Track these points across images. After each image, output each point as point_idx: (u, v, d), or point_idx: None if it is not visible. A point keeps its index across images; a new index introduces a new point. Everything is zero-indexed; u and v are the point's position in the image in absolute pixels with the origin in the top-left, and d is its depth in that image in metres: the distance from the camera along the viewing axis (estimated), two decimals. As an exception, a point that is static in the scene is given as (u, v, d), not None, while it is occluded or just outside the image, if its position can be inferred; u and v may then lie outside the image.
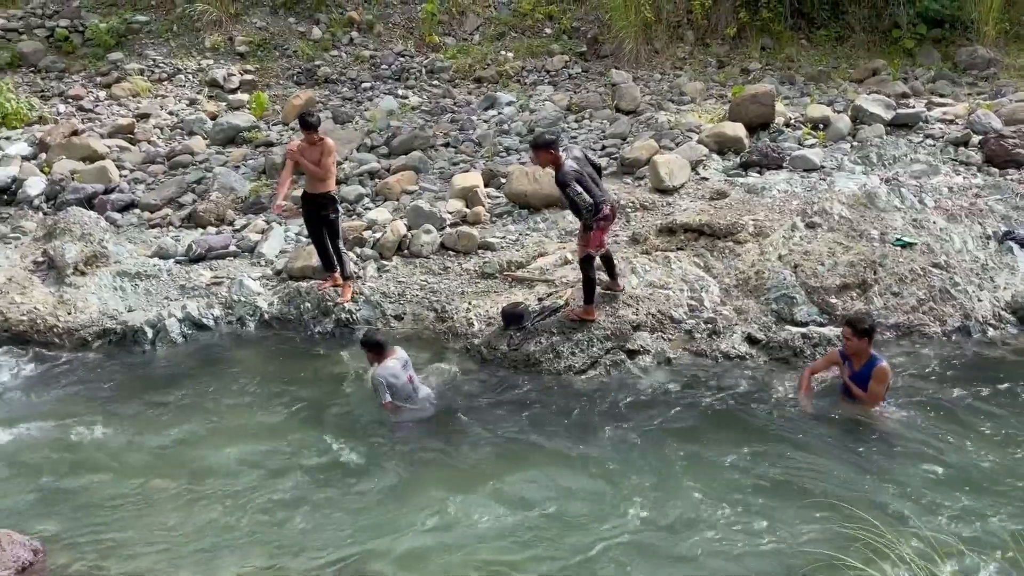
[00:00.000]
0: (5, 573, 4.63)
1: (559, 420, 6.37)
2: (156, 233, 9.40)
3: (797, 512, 5.05)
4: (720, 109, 11.01)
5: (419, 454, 6.08)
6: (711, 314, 7.40)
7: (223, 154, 11.17)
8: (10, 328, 7.90)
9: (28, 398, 6.97)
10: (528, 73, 12.96)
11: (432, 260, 8.59)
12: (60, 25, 13.96)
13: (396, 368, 6.38)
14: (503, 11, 14.14)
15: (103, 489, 5.63)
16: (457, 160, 10.61)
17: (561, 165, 6.70)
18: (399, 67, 13.38)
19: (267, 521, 5.25)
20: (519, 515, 5.21)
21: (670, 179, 9.16)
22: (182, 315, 7.98)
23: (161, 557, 4.94)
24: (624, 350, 7.13)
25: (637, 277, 7.82)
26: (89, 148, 10.87)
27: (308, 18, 14.20)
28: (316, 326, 8.00)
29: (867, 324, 5.93)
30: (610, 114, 11.27)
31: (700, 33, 13.15)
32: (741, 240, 8.07)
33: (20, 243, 9.04)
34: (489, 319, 7.66)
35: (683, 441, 5.94)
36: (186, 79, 13.17)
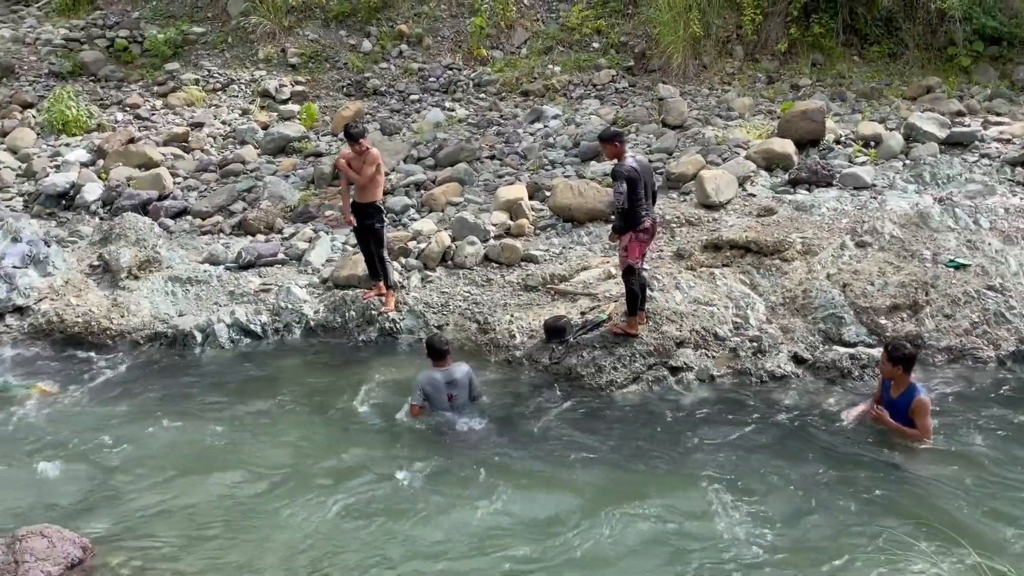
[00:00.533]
0: (55, 569, 4.73)
1: (599, 435, 6.33)
2: (207, 240, 9.61)
3: (837, 533, 4.94)
4: (769, 125, 10.90)
5: (453, 463, 6.06)
6: (756, 332, 7.31)
7: (273, 163, 11.38)
8: (65, 329, 8.13)
9: (80, 398, 7.14)
10: (575, 87, 12.97)
11: (475, 271, 8.64)
12: (120, 36, 14.37)
13: (437, 379, 6.43)
14: (551, 25, 14.20)
15: (150, 490, 5.73)
16: (502, 173, 10.66)
17: (622, 158, 6.79)
18: (447, 80, 13.50)
19: (306, 529, 5.28)
20: (549, 529, 5.17)
21: (716, 195, 9.09)
22: (231, 320, 8.14)
23: (203, 561, 4.99)
24: (667, 366, 7.08)
25: (681, 293, 7.76)
26: (145, 155, 11.17)
27: (359, 31, 14.42)
28: (360, 334, 8.09)
29: (904, 352, 5.75)
30: (656, 128, 11.23)
31: (749, 48, 13.04)
32: (788, 258, 7.97)
33: (77, 247, 9.30)
34: (531, 332, 7.67)
35: (725, 460, 5.86)
36: (239, 89, 13.45)
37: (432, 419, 6.47)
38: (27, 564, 4.67)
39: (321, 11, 14.50)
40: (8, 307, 8.26)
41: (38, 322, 8.20)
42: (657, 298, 7.66)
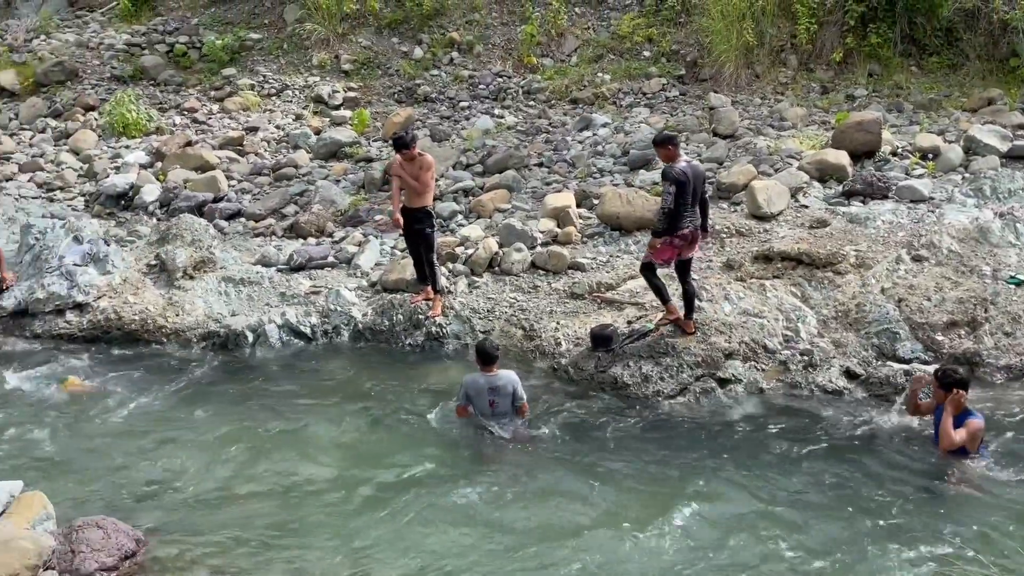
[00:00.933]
0: (109, 560, 4.84)
1: (644, 445, 6.29)
2: (260, 242, 9.78)
3: (884, 559, 4.83)
4: (822, 136, 10.73)
5: (488, 468, 6.10)
6: (807, 345, 7.20)
7: (325, 168, 11.55)
8: (123, 326, 8.36)
9: (135, 394, 7.31)
10: (624, 95, 12.93)
11: (522, 278, 8.65)
12: (179, 41, 14.75)
13: (481, 383, 6.41)
14: (601, 33, 14.19)
15: (200, 486, 5.84)
16: (550, 180, 10.67)
17: (675, 161, 6.81)
18: (496, 87, 13.57)
19: (348, 527, 5.33)
20: (585, 539, 5.15)
21: (768, 205, 8.97)
22: (281, 321, 8.27)
23: (252, 556, 5.07)
24: (715, 378, 7.01)
25: (730, 304, 7.68)
26: (201, 158, 11.43)
27: (411, 38, 14.58)
28: (407, 338, 8.16)
29: (953, 377, 5.69)
30: (707, 138, 11.13)
31: (803, 58, 12.87)
32: (842, 271, 7.83)
33: (135, 246, 9.55)
34: (577, 339, 7.65)
35: (772, 474, 5.78)
36: (293, 95, 13.69)
37: (473, 422, 6.48)
38: (83, 554, 4.78)
39: (374, 18, 14.69)
40: (69, 304, 8.50)
41: (97, 319, 8.44)
42: (706, 309, 7.59)
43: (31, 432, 6.61)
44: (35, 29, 15.56)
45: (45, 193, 11.24)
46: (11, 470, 5.82)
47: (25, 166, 11.83)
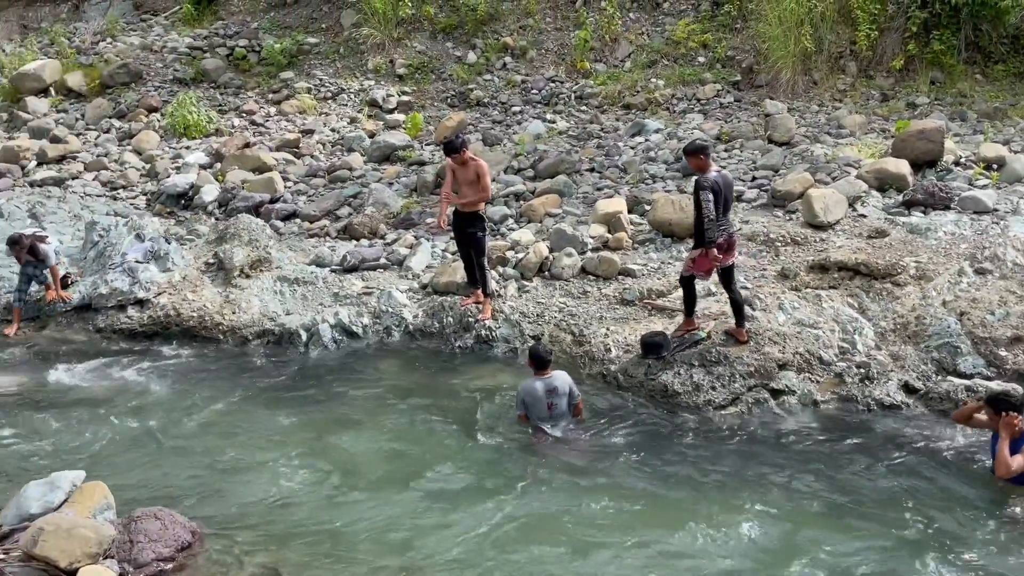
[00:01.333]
0: (166, 551, 4.95)
1: (694, 455, 6.22)
2: (314, 242, 9.95)
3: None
4: (882, 144, 10.51)
5: (541, 473, 6.07)
6: (864, 358, 7.04)
7: (378, 171, 11.70)
8: (182, 323, 8.57)
9: (192, 389, 7.49)
10: (678, 101, 12.84)
11: (572, 283, 8.63)
12: (239, 45, 15.08)
13: (536, 388, 6.48)
14: (656, 39, 14.11)
15: (254, 480, 5.95)
16: (602, 185, 10.63)
17: (706, 171, 6.80)
18: (549, 92, 13.58)
19: (398, 525, 5.38)
20: (638, 548, 5.11)
21: (825, 214, 8.81)
22: (334, 321, 8.39)
23: (302, 552, 5.13)
24: (768, 388, 6.90)
25: (784, 314, 7.56)
26: (259, 160, 11.66)
27: (465, 43, 14.68)
28: (457, 340, 8.20)
29: (1007, 402, 5.49)
30: (762, 145, 10.99)
31: (863, 65, 12.62)
32: (901, 282, 7.65)
33: (194, 245, 9.78)
34: (627, 346, 7.61)
35: (826, 489, 5.66)
36: (348, 98, 13.89)
37: (528, 427, 6.52)
38: (140, 544, 4.89)
39: (429, 23, 14.84)
40: (130, 299, 8.75)
41: (157, 315, 8.67)
42: (759, 318, 7.49)
43: (92, 424, 6.80)
44: (102, 32, 16.07)
45: (109, 191, 11.60)
46: (74, 460, 5.99)
47: (90, 165, 12.22)
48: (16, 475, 5.80)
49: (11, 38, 16.62)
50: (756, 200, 9.66)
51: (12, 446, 6.42)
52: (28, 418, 6.90)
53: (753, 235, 8.82)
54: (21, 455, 6.27)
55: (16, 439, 6.53)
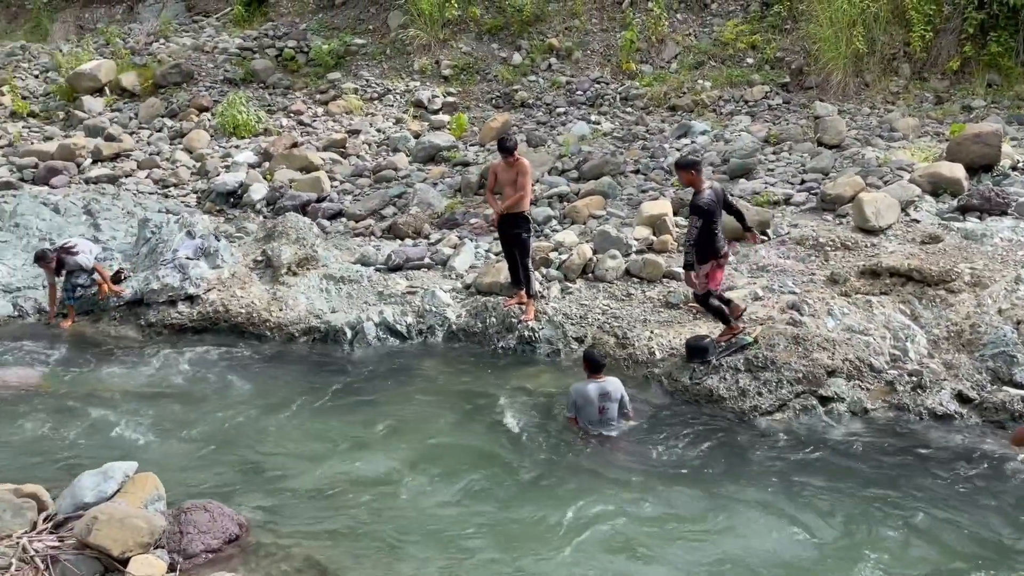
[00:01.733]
0: (215, 543, 5.04)
1: (739, 462, 6.15)
2: (359, 241, 10.04)
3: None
4: (936, 148, 10.27)
5: (585, 476, 6.03)
6: (916, 366, 6.89)
7: (423, 171, 11.77)
8: (230, 319, 8.72)
9: (240, 384, 7.61)
10: (725, 103, 12.70)
11: (616, 285, 8.58)
12: (288, 46, 15.28)
13: (589, 391, 6.49)
14: (703, 40, 13.97)
15: (300, 475, 6.02)
16: (646, 187, 10.55)
17: (701, 191, 6.85)
18: (594, 93, 13.54)
19: (441, 524, 5.40)
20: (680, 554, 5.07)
21: (876, 219, 8.64)
22: (379, 319, 8.46)
23: (347, 547, 5.18)
24: (816, 395, 6.79)
25: (834, 320, 7.43)
26: (306, 159, 11.81)
27: (510, 44, 14.70)
28: (500, 341, 8.21)
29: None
30: (811, 147, 10.81)
31: (917, 66, 12.36)
32: (955, 289, 7.47)
33: (243, 242, 9.94)
34: (671, 349, 7.55)
35: (874, 499, 5.55)
36: (394, 99, 14.00)
37: (577, 430, 6.52)
38: (190, 535, 4.99)
39: (475, 24, 14.89)
40: (181, 295, 8.92)
41: (206, 310, 8.83)
42: (808, 324, 7.36)
43: (144, 416, 6.95)
44: (155, 33, 16.42)
45: (161, 189, 11.84)
46: (126, 452, 6.13)
47: (143, 163, 12.49)
48: (71, 465, 5.94)
49: (68, 39, 17.08)
50: (805, 204, 9.51)
51: (66, 437, 6.59)
52: (82, 410, 7.07)
53: (802, 239, 8.68)
54: (75, 446, 6.43)
55: (70, 430, 6.69)
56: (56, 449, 6.35)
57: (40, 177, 12.04)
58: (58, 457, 6.21)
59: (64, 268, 8.87)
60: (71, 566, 4.62)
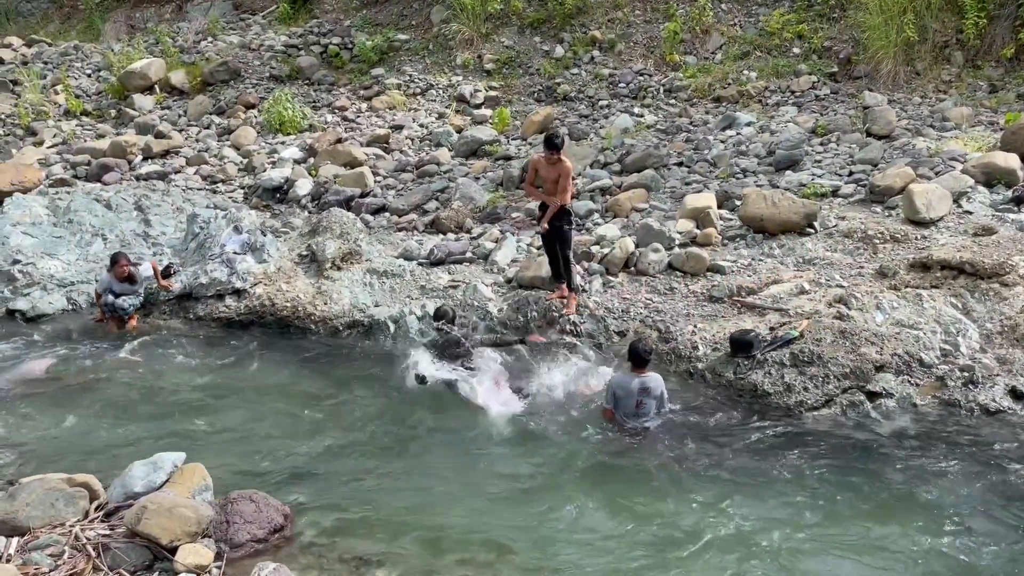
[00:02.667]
0: (260, 532, 5.12)
1: (784, 457, 6.05)
2: (402, 236, 10.11)
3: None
4: (990, 137, 9.98)
5: (621, 467, 6.03)
6: (968, 361, 6.71)
7: (465, 165, 11.80)
8: (276, 312, 8.85)
9: (286, 377, 7.73)
10: (771, 93, 12.50)
11: (658, 279, 8.51)
12: (332, 42, 15.45)
13: (630, 384, 6.49)
14: (748, 30, 13.76)
15: (344, 465, 6.09)
16: (690, 180, 10.45)
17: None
18: (637, 85, 13.43)
19: (484, 518, 5.42)
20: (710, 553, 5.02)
21: (927, 210, 8.43)
22: (421, 313, 8.51)
23: (390, 537, 5.22)
24: (864, 391, 6.65)
25: (882, 314, 7.27)
26: (350, 155, 11.93)
27: (552, 37, 14.65)
28: (541, 335, 8.18)
29: None
30: (860, 138, 10.59)
31: (970, 54, 12.02)
32: (1009, 283, 7.25)
33: (289, 237, 10.07)
34: (715, 344, 7.46)
35: (925, 498, 5.43)
36: (437, 94, 14.06)
37: (612, 423, 6.50)
38: (236, 525, 5.07)
39: (517, 18, 14.88)
40: (228, 289, 9.08)
41: (253, 304, 8.97)
42: (855, 318, 7.22)
43: (191, 407, 7.11)
44: (203, 32, 16.73)
45: (209, 185, 12.06)
46: (174, 442, 6.26)
47: (192, 160, 12.73)
48: (121, 455, 6.09)
49: (119, 38, 17.49)
50: (853, 195, 9.33)
51: (117, 427, 6.75)
52: (131, 402, 7.25)
53: (850, 232, 8.51)
54: (126, 436, 6.59)
55: (121, 421, 6.86)
56: (107, 439, 6.51)
57: (93, 174, 12.36)
58: (109, 447, 6.37)
59: (137, 279, 8.94)
60: (121, 554, 4.74)
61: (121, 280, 8.84)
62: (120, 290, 8.87)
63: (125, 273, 8.81)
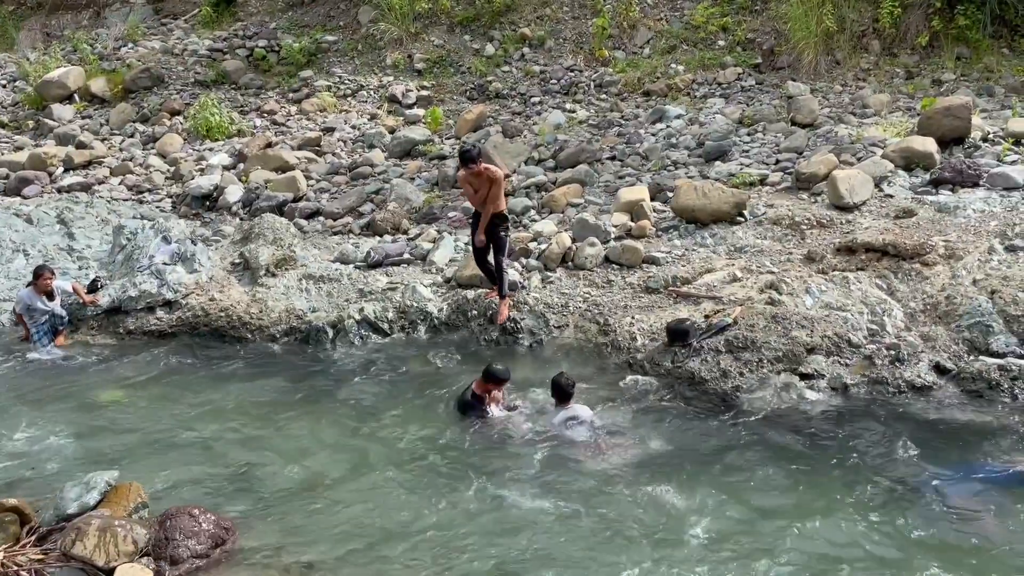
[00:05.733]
0: (201, 548, 5.01)
1: (722, 441, 6.19)
2: (338, 240, 10.00)
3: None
4: (907, 123, 10.35)
5: (568, 468, 6.03)
6: (894, 339, 6.96)
7: (400, 166, 11.73)
8: (210, 322, 8.66)
9: (221, 388, 7.55)
10: (699, 86, 12.74)
11: (596, 273, 8.60)
12: (259, 45, 15.19)
13: (555, 422, 6.45)
14: (675, 24, 13.99)
15: (286, 477, 5.98)
16: (623, 174, 10.58)
17: None
18: (568, 81, 13.53)
19: (430, 522, 5.39)
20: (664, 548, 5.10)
21: (850, 195, 8.70)
22: (360, 317, 8.43)
23: (335, 549, 5.15)
24: (796, 373, 6.84)
25: (812, 297, 7.48)
26: (281, 159, 11.74)
27: (482, 35, 14.66)
28: (483, 333, 8.20)
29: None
30: (785, 127, 10.87)
31: (887, 43, 12.44)
32: (930, 262, 7.54)
33: (220, 245, 9.86)
34: (652, 334, 7.57)
35: (856, 473, 5.62)
36: (368, 95, 13.94)
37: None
38: (176, 541, 4.96)
39: (446, 17, 14.85)
40: (159, 301, 8.85)
41: (185, 315, 8.75)
42: (786, 302, 7.41)
43: (124, 424, 6.89)
44: (123, 37, 16.26)
45: (135, 195, 11.73)
46: (106, 461, 6.08)
47: (116, 169, 12.37)
48: (51, 476, 5.90)
49: (35, 46, 16.86)
50: (780, 183, 9.57)
51: (46, 448, 6.52)
52: (60, 420, 7.00)
53: (778, 219, 8.73)
54: (56, 457, 6.36)
55: (50, 441, 6.63)
56: (36, 461, 6.28)
57: (12, 188, 11.90)
58: (38, 469, 6.15)
59: (55, 295, 8.65)
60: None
61: (42, 294, 8.54)
62: (44, 306, 8.56)
63: (49, 287, 8.52)
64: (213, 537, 5.08)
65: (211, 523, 5.14)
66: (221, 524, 5.19)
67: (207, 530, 5.08)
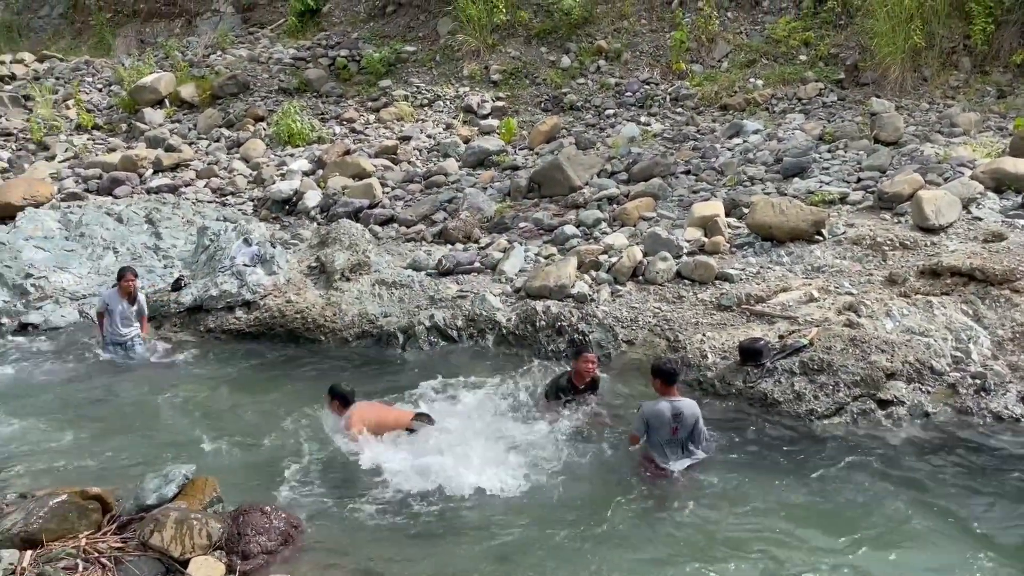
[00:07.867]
0: (271, 544, 5.12)
1: (794, 467, 6.02)
2: (411, 246, 10.15)
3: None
4: (999, 143, 9.96)
5: (627, 490, 5.92)
6: (980, 368, 6.68)
7: (473, 176, 11.84)
8: (286, 324, 8.89)
9: (295, 389, 7.73)
10: (777, 101, 12.51)
11: (667, 288, 8.51)
12: (340, 55, 15.57)
13: (664, 411, 5.94)
14: (755, 38, 13.78)
15: (353, 478, 6.07)
16: (697, 188, 10.45)
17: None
18: (643, 94, 13.46)
19: (496, 528, 5.40)
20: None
21: (936, 217, 8.41)
22: (430, 324, 8.53)
23: (401, 549, 5.22)
24: (875, 399, 6.62)
25: (892, 321, 7.24)
26: (359, 166, 11.99)
27: (559, 47, 14.71)
28: (549, 344, 8.19)
29: None
30: (868, 145, 10.58)
31: (978, 60, 12.00)
32: (1020, 289, 7.22)
33: (298, 249, 10.12)
34: (724, 352, 7.44)
35: (933, 505, 5.40)
36: (444, 105, 14.13)
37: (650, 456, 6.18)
38: (247, 537, 5.07)
39: (523, 29, 14.95)
40: (238, 301, 9.13)
41: (263, 316, 9.01)
42: (866, 325, 7.20)
43: (203, 419, 7.13)
44: (213, 45, 16.88)
45: (219, 198, 12.15)
46: (186, 455, 6.28)
47: (201, 173, 12.82)
48: (133, 468, 6.12)
49: (130, 53, 17.65)
50: (861, 202, 9.31)
51: (128, 440, 6.78)
52: (143, 414, 7.28)
53: (858, 239, 8.49)
54: (137, 449, 6.61)
55: (132, 434, 6.89)
56: (118, 452, 6.53)
57: (104, 188, 12.46)
58: (120, 460, 6.39)
59: (136, 301, 8.60)
60: (134, 567, 4.75)
61: (123, 297, 8.48)
62: (122, 311, 8.49)
63: (131, 288, 8.45)
64: (283, 534, 5.19)
65: (281, 520, 5.25)
66: (291, 522, 5.30)
67: (277, 527, 5.19)
